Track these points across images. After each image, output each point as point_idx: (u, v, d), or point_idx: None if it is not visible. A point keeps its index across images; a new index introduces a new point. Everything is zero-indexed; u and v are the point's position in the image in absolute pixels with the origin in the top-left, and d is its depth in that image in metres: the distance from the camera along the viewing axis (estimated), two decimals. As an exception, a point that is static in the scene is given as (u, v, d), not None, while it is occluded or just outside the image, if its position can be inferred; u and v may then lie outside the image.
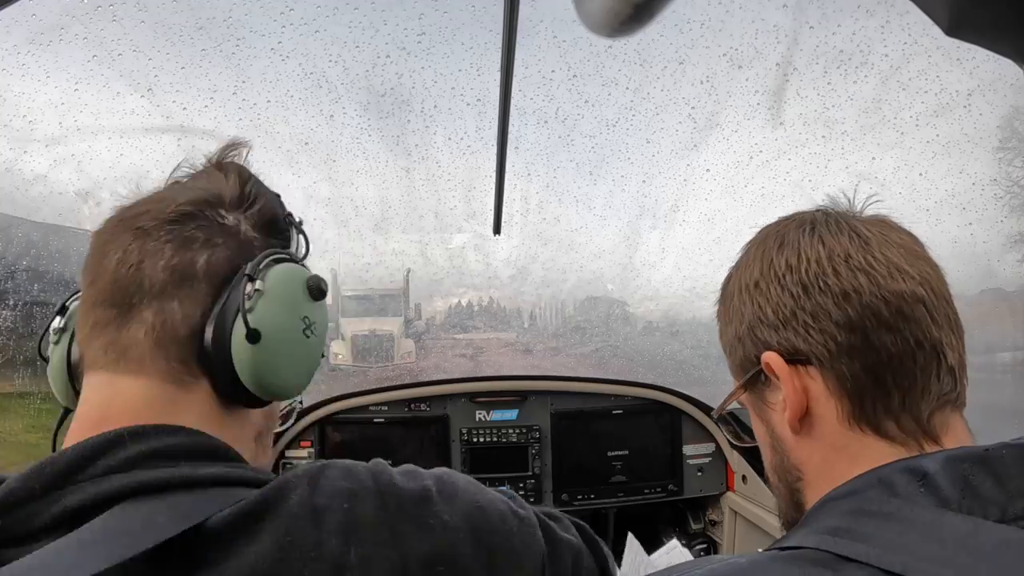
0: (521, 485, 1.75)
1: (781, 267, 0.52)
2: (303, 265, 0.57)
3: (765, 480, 0.61)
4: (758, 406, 0.56)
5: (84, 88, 1.76)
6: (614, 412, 1.79)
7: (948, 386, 0.46)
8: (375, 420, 1.74)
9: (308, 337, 0.54)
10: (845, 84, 1.96)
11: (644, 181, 2.76)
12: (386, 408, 1.76)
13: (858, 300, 0.47)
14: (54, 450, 0.46)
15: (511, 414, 1.79)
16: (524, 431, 1.76)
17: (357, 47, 1.77)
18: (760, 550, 0.49)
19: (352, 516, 0.45)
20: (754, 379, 0.54)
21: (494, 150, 1.30)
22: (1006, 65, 0.53)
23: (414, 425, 1.75)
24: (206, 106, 1.86)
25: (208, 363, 0.49)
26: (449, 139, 2.25)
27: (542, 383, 1.82)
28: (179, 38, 1.68)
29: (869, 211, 0.54)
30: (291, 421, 1.60)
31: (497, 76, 1.06)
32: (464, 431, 1.76)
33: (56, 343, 0.57)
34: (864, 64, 1.88)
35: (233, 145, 0.59)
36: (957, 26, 0.52)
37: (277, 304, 0.51)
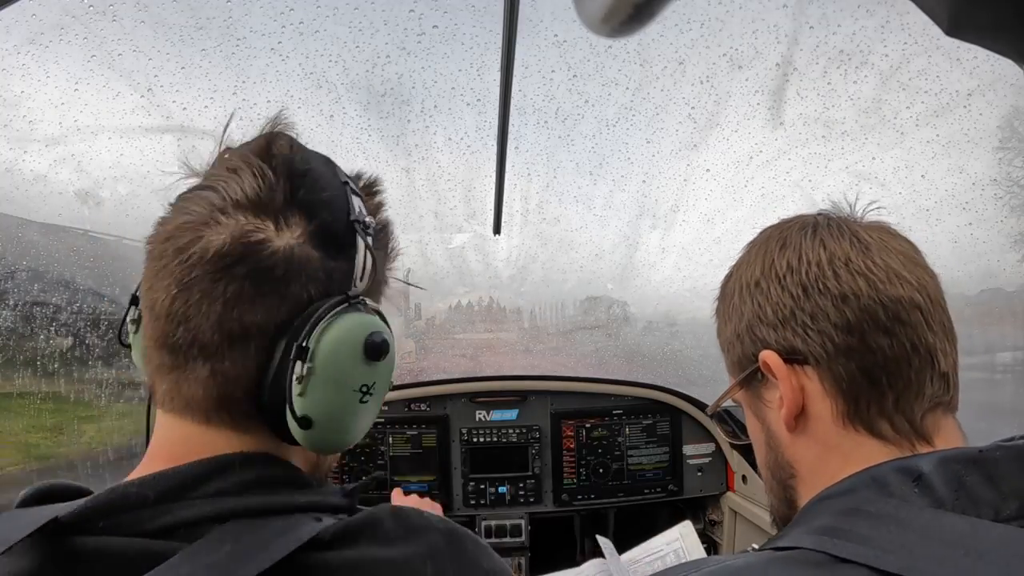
0: (521, 485, 1.75)
1: (782, 267, 0.53)
2: (364, 305, 0.50)
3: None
4: (754, 403, 0.57)
5: (84, 88, 1.76)
6: (614, 412, 1.79)
7: (940, 390, 0.47)
8: (375, 420, 1.74)
9: (365, 403, 0.50)
10: (845, 84, 1.96)
11: (644, 181, 2.76)
12: (386, 408, 1.76)
13: (856, 303, 0.48)
14: (148, 429, 0.52)
15: (511, 414, 1.80)
16: (524, 431, 1.76)
17: (357, 47, 1.77)
18: (754, 546, 0.50)
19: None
20: (751, 376, 0.55)
21: (494, 150, 1.30)
22: (1006, 65, 0.53)
23: (414, 425, 1.75)
24: (206, 106, 1.86)
25: (268, 421, 0.49)
26: (449, 139, 2.25)
27: (542, 383, 1.82)
28: (179, 38, 1.68)
29: (870, 217, 0.55)
30: None
31: (497, 76, 1.06)
32: (464, 431, 1.76)
33: (135, 332, 0.55)
34: (864, 64, 1.88)
35: (276, 125, 0.52)
36: (957, 26, 0.52)
37: (330, 385, 0.47)
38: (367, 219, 0.52)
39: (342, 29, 1.69)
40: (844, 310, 0.49)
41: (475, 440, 1.75)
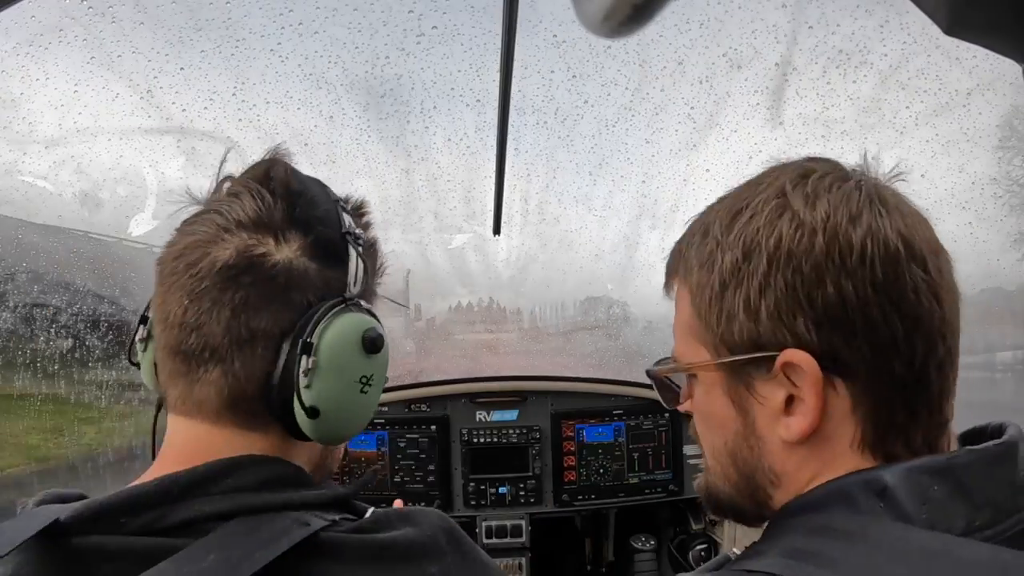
0: (521, 486, 1.75)
1: (852, 248, 0.40)
2: (358, 305, 0.56)
3: None
4: (735, 390, 0.46)
5: (83, 90, 1.76)
6: (614, 412, 1.79)
7: (950, 414, 0.44)
8: (375, 420, 1.75)
9: (365, 393, 0.56)
10: (844, 84, 1.96)
11: (644, 181, 2.76)
12: (386, 409, 1.76)
13: (928, 327, 0.41)
14: (154, 435, 0.59)
15: (511, 414, 1.79)
16: (524, 431, 1.76)
17: (356, 48, 1.77)
18: (735, 550, 0.47)
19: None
20: (748, 361, 0.45)
21: (493, 151, 1.30)
22: (1006, 64, 0.53)
23: (414, 426, 1.75)
24: (206, 107, 1.86)
25: (276, 416, 0.53)
26: (449, 140, 2.25)
27: (542, 383, 1.82)
28: (178, 39, 1.68)
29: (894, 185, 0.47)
30: None
31: (496, 77, 1.06)
32: (464, 431, 1.76)
33: (144, 350, 0.59)
34: (863, 64, 1.88)
35: (274, 154, 0.58)
36: (956, 25, 0.51)
37: (332, 377, 0.52)
38: (357, 232, 0.58)
39: (341, 30, 1.69)
40: (913, 334, 0.40)
41: (475, 441, 1.74)
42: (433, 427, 1.73)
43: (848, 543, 0.37)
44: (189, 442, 0.52)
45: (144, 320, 0.58)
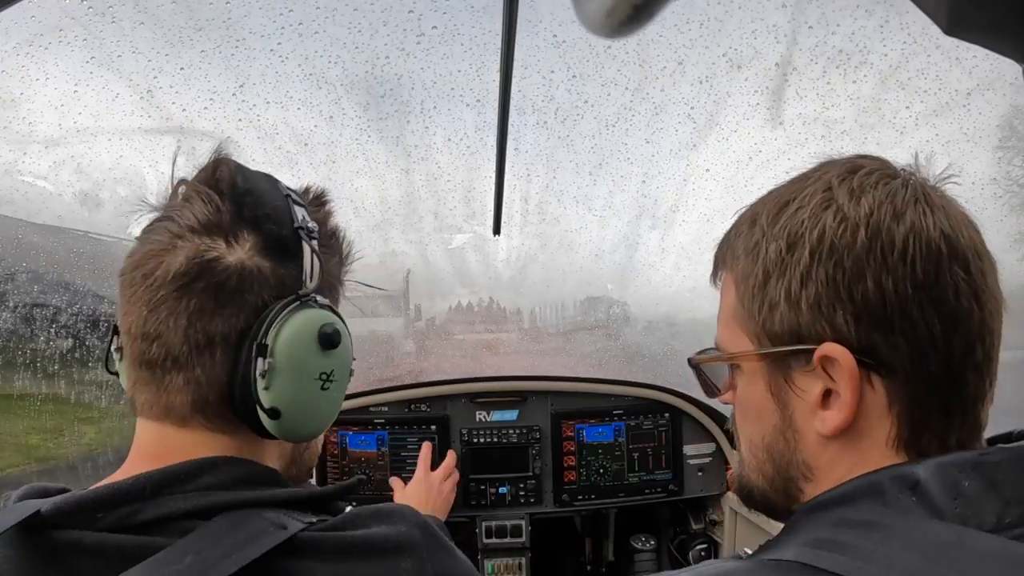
0: (521, 486, 1.75)
1: (895, 246, 0.40)
2: (314, 301, 0.55)
3: None
4: (775, 382, 0.47)
5: (83, 90, 1.76)
6: (614, 412, 1.79)
7: (984, 419, 0.44)
8: (375, 421, 1.74)
9: (327, 389, 0.56)
10: (844, 84, 1.96)
11: (644, 181, 2.76)
12: (386, 409, 1.76)
13: (967, 328, 0.41)
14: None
15: (511, 414, 1.79)
16: (524, 431, 1.76)
17: (356, 48, 1.77)
18: (747, 550, 0.47)
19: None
20: (788, 353, 0.45)
21: (493, 151, 1.30)
22: (1006, 64, 0.53)
23: (414, 425, 1.75)
24: (206, 107, 1.86)
25: (241, 418, 0.54)
26: (449, 140, 2.25)
27: (542, 383, 1.82)
28: (178, 39, 1.68)
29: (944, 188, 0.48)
30: None
31: (496, 77, 1.06)
32: (464, 431, 1.76)
33: (120, 359, 0.60)
34: (863, 64, 1.88)
35: (219, 153, 0.57)
36: (956, 25, 0.51)
37: (290, 376, 0.53)
38: (310, 225, 0.57)
39: (341, 30, 1.69)
40: (952, 334, 0.40)
41: (475, 441, 1.74)
42: (433, 427, 1.73)
43: (865, 531, 0.37)
44: (158, 443, 0.53)
45: (116, 331, 0.58)
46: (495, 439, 1.74)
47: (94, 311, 2.09)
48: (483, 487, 1.73)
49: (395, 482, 1.59)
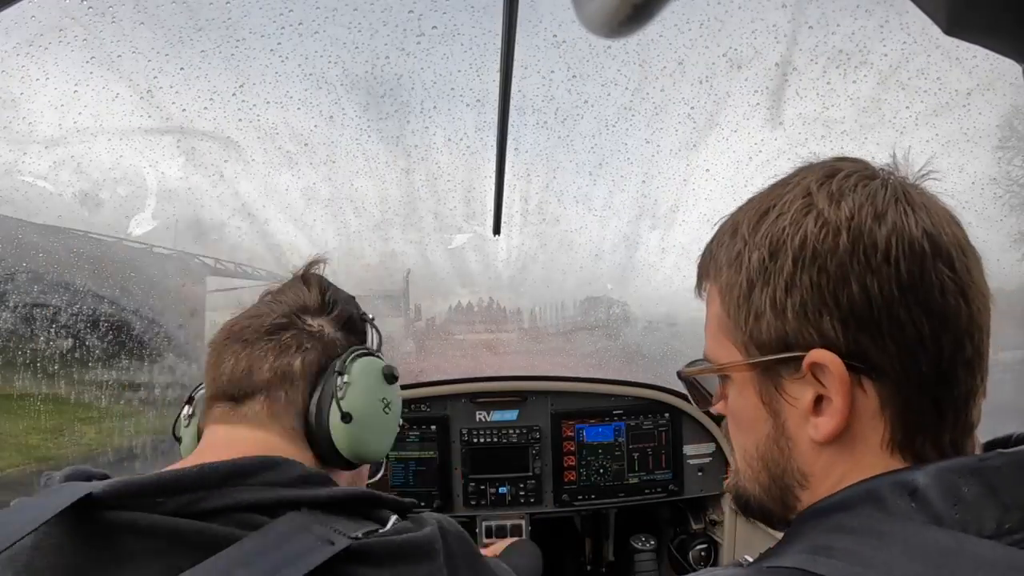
0: (521, 486, 1.75)
1: (878, 248, 0.40)
2: (378, 356, 0.70)
3: None
4: (766, 391, 0.46)
5: (83, 90, 1.76)
6: (614, 412, 1.79)
7: (977, 418, 0.44)
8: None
9: (387, 414, 0.69)
10: (844, 84, 1.96)
11: (644, 181, 2.76)
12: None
13: (955, 326, 0.40)
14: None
15: (511, 414, 1.79)
16: (524, 431, 1.76)
17: (356, 48, 1.77)
18: (747, 558, 0.47)
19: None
20: (777, 361, 0.44)
21: (493, 151, 1.30)
22: (1006, 64, 0.53)
23: (414, 425, 1.75)
24: (206, 107, 1.86)
25: (311, 439, 0.63)
26: (449, 140, 2.25)
27: (542, 383, 1.81)
28: (178, 39, 1.68)
29: (923, 185, 0.47)
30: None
31: (496, 77, 1.06)
32: (464, 431, 1.76)
33: (187, 427, 0.70)
34: (863, 64, 1.88)
35: (315, 262, 0.73)
36: (956, 25, 0.51)
37: (362, 391, 0.65)
38: (371, 316, 0.75)
39: (341, 30, 1.69)
40: (940, 333, 0.40)
41: (475, 440, 1.74)
42: (433, 427, 1.73)
43: (863, 537, 0.37)
44: (230, 439, 0.59)
45: (190, 400, 0.70)
46: (495, 439, 1.74)
47: (94, 311, 2.09)
48: (483, 487, 1.73)
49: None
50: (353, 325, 0.71)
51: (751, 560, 0.46)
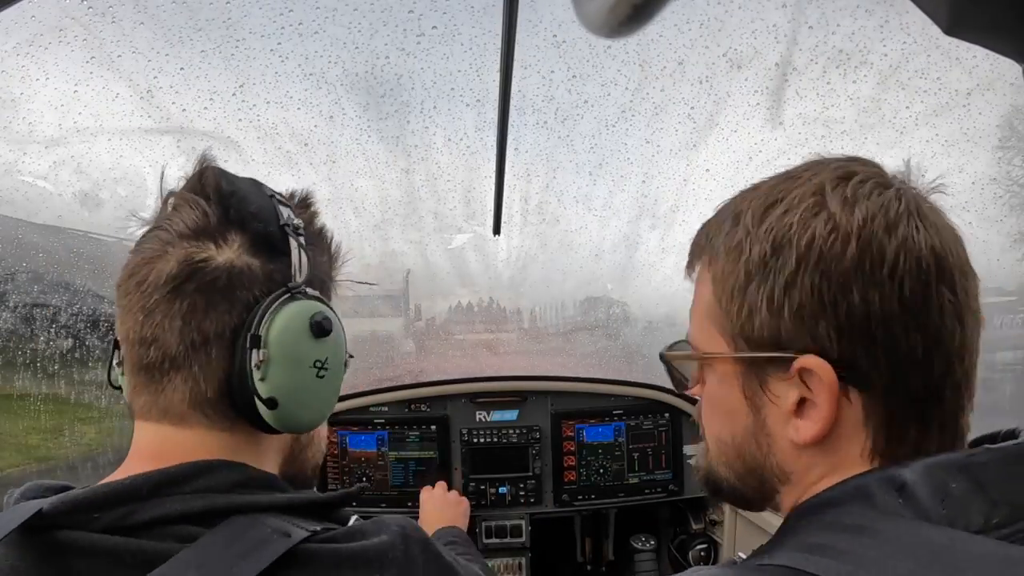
0: (521, 486, 1.75)
1: (886, 261, 0.40)
2: (306, 293, 0.57)
3: None
4: (749, 386, 0.46)
5: (83, 90, 1.76)
6: (614, 412, 1.79)
7: (966, 429, 0.44)
8: (375, 421, 1.74)
9: (322, 377, 0.57)
10: (844, 84, 1.96)
11: (644, 181, 2.76)
12: (386, 409, 1.76)
13: (948, 348, 0.40)
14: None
15: (511, 414, 1.79)
16: (524, 431, 1.76)
17: (356, 48, 1.77)
18: (740, 555, 0.47)
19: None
20: (765, 359, 0.44)
21: (494, 150, 1.30)
22: (1006, 64, 0.53)
23: (414, 425, 1.75)
24: (206, 107, 1.86)
25: (239, 412, 0.54)
26: (449, 140, 2.25)
27: (542, 383, 1.82)
28: (178, 39, 1.68)
29: (932, 198, 0.47)
30: None
31: (496, 76, 1.06)
32: (464, 431, 1.76)
33: (123, 373, 0.61)
34: (863, 64, 1.88)
35: (204, 161, 0.59)
36: (956, 25, 0.51)
37: (285, 365, 0.54)
38: (296, 222, 0.58)
39: (341, 30, 1.69)
40: (934, 354, 0.40)
41: (475, 441, 1.74)
42: (433, 427, 1.73)
43: (857, 536, 0.37)
44: (157, 443, 0.53)
45: (117, 344, 0.59)
46: (495, 439, 1.74)
47: (94, 311, 2.09)
48: (483, 487, 1.73)
49: (424, 491, 1.60)
50: (272, 243, 0.56)
51: (744, 558, 0.46)
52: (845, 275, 0.40)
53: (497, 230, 1.73)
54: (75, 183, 2.05)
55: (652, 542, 1.80)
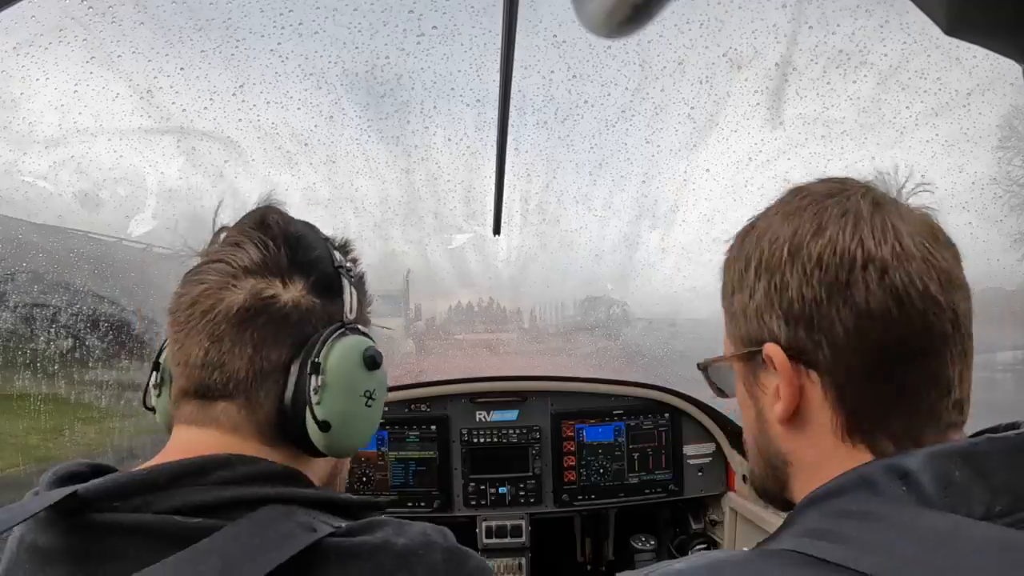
0: (521, 486, 1.75)
1: (810, 257, 0.47)
2: (357, 329, 0.62)
3: None
4: (748, 380, 0.54)
5: (83, 90, 1.76)
6: (614, 412, 1.79)
7: (955, 415, 0.45)
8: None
9: (370, 407, 0.62)
10: (844, 84, 1.96)
11: (644, 181, 2.76)
12: (386, 409, 1.75)
13: (883, 325, 0.44)
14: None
15: (511, 414, 1.79)
16: (524, 431, 1.76)
17: (356, 48, 1.77)
18: (744, 550, 0.48)
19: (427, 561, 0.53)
20: (751, 355, 0.52)
21: (494, 150, 1.30)
22: (1006, 64, 0.53)
23: (414, 425, 1.75)
24: (206, 107, 1.86)
25: (287, 437, 0.57)
26: (449, 140, 2.25)
27: (542, 383, 1.82)
28: (178, 40, 1.68)
29: (913, 200, 0.51)
30: None
31: (496, 76, 1.06)
32: (464, 431, 1.76)
33: (158, 396, 0.64)
34: (863, 64, 1.88)
35: (266, 201, 0.63)
36: (956, 25, 0.51)
37: (340, 392, 0.58)
38: (348, 266, 0.65)
39: (341, 30, 1.69)
40: (868, 331, 0.44)
41: (475, 440, 1.74)
42: (433, 427, 1.73)
43: (861, 522, 0.38)
44: (196, 443, 0.55)
45: (156, 367, 0.63)
46: (495, 439, 1.74)
47: (94, 311, 2.09)
48: (483, 487, 1.73)
49: None
50: (331, 286, 0.61)
51: (763, 540, 0.47)
52: (783, 276, 0.49)
53: (497, 230, 1.73)
54: (75, 183, 2.05)
55: (652, 542, 1.80)
